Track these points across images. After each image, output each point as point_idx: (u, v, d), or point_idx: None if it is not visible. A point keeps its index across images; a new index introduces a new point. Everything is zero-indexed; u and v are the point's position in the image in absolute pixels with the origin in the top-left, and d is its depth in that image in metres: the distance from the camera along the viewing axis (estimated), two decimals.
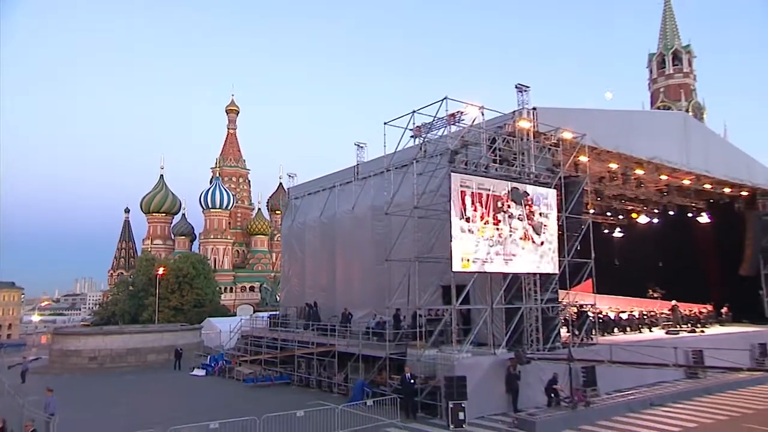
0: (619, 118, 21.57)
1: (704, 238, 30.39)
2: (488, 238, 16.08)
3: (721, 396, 17.73)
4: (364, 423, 14.25)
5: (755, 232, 28.53)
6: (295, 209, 31.15)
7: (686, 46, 64.77)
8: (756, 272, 28.51)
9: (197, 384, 25.54)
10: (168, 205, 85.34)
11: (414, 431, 13.93)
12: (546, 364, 15.69)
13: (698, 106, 63.85)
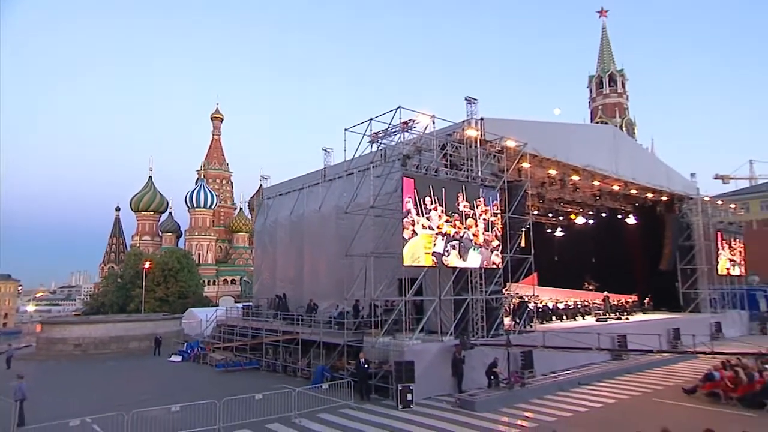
0: (558, 129, 22.01)
1: (631, 237, 31.24)
2: (445, 234, 15.98)
3: (639, 375, 18.21)
4: (320, 404, 14.03)
5: (673, 233, 29.68)
6: (268, 208, 30.69)
7: (620, 70, 67.06)
8: (673, 267, 29.63)
9: (173, 369, 24.76)
10: (156, 204, 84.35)
11: (367, 411, 13.67)
12: (488, 350, 15.80)
13: (630, 122, 66.18)
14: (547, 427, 11.46)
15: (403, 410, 13.52)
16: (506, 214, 18.10)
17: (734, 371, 14.02)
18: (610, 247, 32.04)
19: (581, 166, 22.39)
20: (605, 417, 12.49)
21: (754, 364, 14.77)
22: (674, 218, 29.93)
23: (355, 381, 15.21)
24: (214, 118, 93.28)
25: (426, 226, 15.31)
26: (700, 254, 29.80)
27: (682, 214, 30.09)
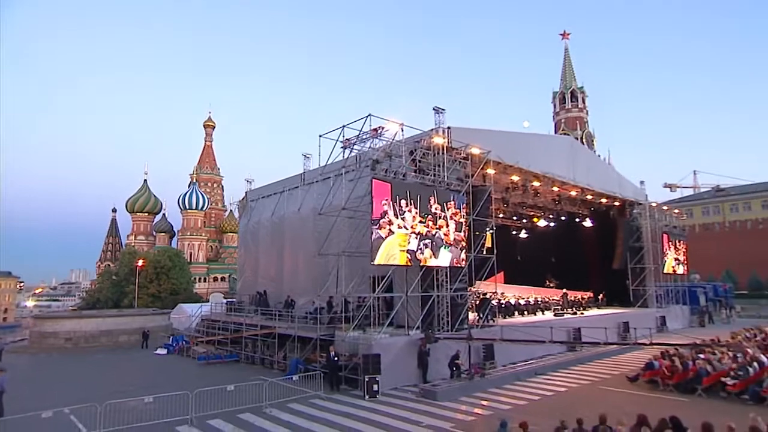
0: (520, 138, 22.13)
1: (588, 239, 31.66)
2: (419, 233, 15.95)
3: (591, 365, 18.34)
4: (292, 395, 13.74)
5: (624, 235, 30.17)
6: (251, 210, 30.26)
7: (580, 87, 68.36)
8: (624, 266, 30.12)
9: (157, 361, 24.13)
10: (150, 206, 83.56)
11: (335, 401, 13.40)
12: (452, 343, 15.69)
13: (590, 134, 67.43)
14: (501, 415, 11.39)
15: (369, 400, 13.31)
16: (470, 216, 17.99)
17: (671, 360, 14.25)
18: (568, 248, 32.48)
19: (541, 172, 22.56)
20: (555, 404, 12.46)
21: (689, 353, 15.06)
22: (626, 222, 30.47)
23: (326, 373, 15.00)
24: (207, 126, 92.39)
25: (401, 226, 15.35)
26: (648, 254, 30.48)
27: (633, 218, 30.70)
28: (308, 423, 11.45)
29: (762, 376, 12.65)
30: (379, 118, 15.80)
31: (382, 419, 11.52)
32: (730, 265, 55.97)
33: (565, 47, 70.77)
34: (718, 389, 12.96)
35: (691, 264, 55.03)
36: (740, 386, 12.60)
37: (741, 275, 55.35)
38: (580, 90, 67.99)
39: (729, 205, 62.68)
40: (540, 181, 23.09)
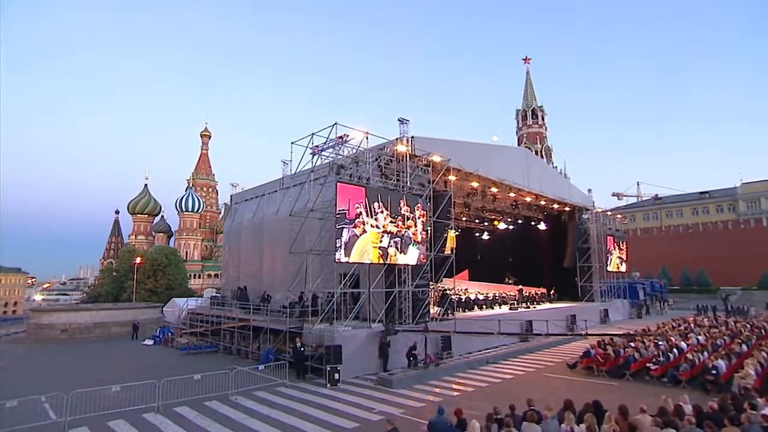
0: (478, 148, 22.03)
1: (542, 240, 31.90)
2: (389, 232, 15.83)
3: (538, 354, 18.24)
4: (259, 383, 13.26)
5: (574, 237, 30.48)
6: (235, 212, 29.55)
7: (540, 106, 69.45)
8: (574, 264, 30.42)
9: (142, 351, 23.34)
10: (150, 208, 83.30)
11: (299, 389, 12.93)
12: (411, 335, 15.40)
13: (548, 148, 68.49)
14: (450, 401, 11.12)
15: (330, 388, 12.91)
16: (431, 218, 17.77)
17: (604, 349, 14.28)
18: (525, 249, 32.69)
19: (498, 180, 22.54)
20: (500, 390, 12.27)
21: (622, 342, 15.14)
22: (575, 225, 30.79)
23: (293, 362, 14.57)
24: (203, 135, 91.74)
25: (374, 225, 15.36)
26: (594, 254, 30.85)
27: (581, 222, 31.04)
28: (268, 409, 11.00)
29: (680, 361, 12.77)
30: (345, 127, 15.49)
31: (338, 406, 11.13)
32: (665, 264, 57.48)
33: (526, 71, 71.94)
34: (644, 374, 13.04)
35: (633, 263, 56.33)
36: (661, 371, 12.69)
37: (674, 273, 56.90)
38: (540, 108, 69.10)
39: (665, 212, 64.55)
40: (498, 187, 23.09)
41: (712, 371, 11.77)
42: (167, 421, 10.36)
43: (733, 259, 54.39)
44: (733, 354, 13.42)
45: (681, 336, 17.32)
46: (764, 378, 11.45)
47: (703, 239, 58.70)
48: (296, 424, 9.86)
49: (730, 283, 52.42)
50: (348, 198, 14.53)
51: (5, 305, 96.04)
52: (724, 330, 19.95)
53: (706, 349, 14.31)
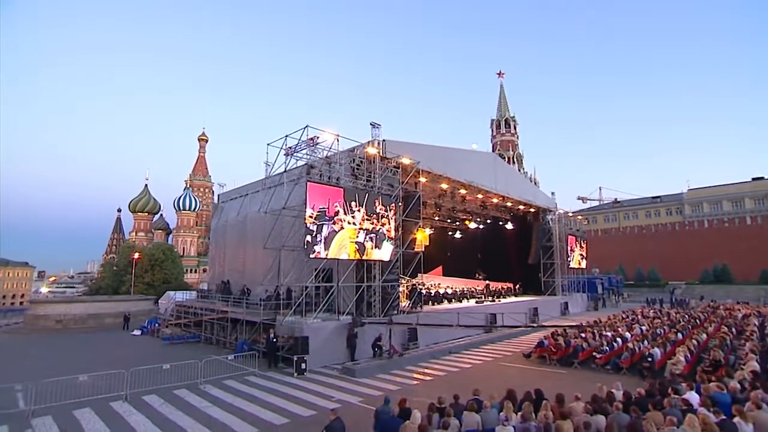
0: (448, 152, 21.82)
1: (509, 239, 31.88)
2: (365, 228, 15.70)
3: (499, 344, 18.08)
4: (231, 371, 12.81)
5: (538, 235, 30.72)
6: (221, 210, 28.83)
7: (513, 116, 70.05)
8: (538, 261, 30.64)
9: (129, 341, 22.58)
10: (150, 207, 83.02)
11: (267, 378, 12.52)
12: (379, 326, 15.09)
13: (519, 155, 69.20)
14: (408, 390, 10.87)
15: (297, 377, 12.54)
16: (400, 217, 17.50)
17: (555, 339, 14.24)
18: (494, 246, 32.69)
19: (467, 182, 22.38)
20: (457, 378, 12.08)
21: (573, 332, 15.15)
22: (539, 225, 31.01)
23: (265, 352, 14.22)
24: (201, 139, 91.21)
25: (351, 222, 15.23)
26: (556, 252, 31.11)
27: (545, 222, 31.26)
28: (232, 397, 10.61)
29: (622, 350, 12.79)
30: (316, 129, 15.08)
31: (300, 394, 10.77)
32: (622, 261, 58.66)
33: (500, 84, 72.55)
34: (590, 362, 13.02)
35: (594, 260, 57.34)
36: (605, 359, 12.69)
37: (630, 269, 58.12)
38: (512, 118, 69.72)
39: (623, 214, 65.88)
40: (466, 189, 22.95)
41: (648, 359, 11.82)
42: (132, 409, 9.92)
43: (679, 256, 55.89)
44: (668, 342, 13.56)
45: (627, 327, 17.48)
46: (693, 364, 11.56)
47: (655, 239, 60.14)
48: (255, 412, 9.49)
49: (677, 278, 53.85)
50: (327, 197, 14.42)
51: (13, 297, 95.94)
52: (665, 320, 20.27)
53: (647, 338, 14.44)
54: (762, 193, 54.17)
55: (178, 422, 8.98)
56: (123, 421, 9.16)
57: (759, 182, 55.68)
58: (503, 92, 71.60)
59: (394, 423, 6.51)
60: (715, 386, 8.47)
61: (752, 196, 54.68)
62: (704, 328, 16.82)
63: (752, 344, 12.94)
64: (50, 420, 9.22)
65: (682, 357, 11.66)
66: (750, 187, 55.56)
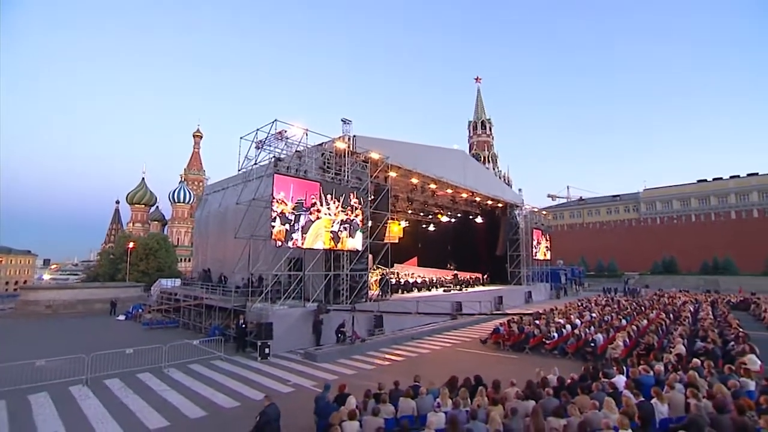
0: (419, 149, 21.43)
1: (479, 232, 31.81)
2: (340, 219, 15.60)
3: (462, 330, 17.82)
4: (198, 355, 12.29)
5: (505, 229, 30.74)
6: (205, 202, 28.02)
7: (489, 118, 70.11)
8: (505, 253, 30.71)
9: (112, 326, 21.61)
10: (146, 199, 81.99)
11: (232, 362, 12.05)
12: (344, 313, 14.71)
13: (494, 155, 69.43)
14: (364, 374, 10.58)
15: (261, 361, 12.13)
16: (367, 209, 17.08)
17: (510, 326, 14.15)
18: (465, 239, 32.65)
19: (437, 177, 22.09)
20: (412, 364, 11.82)
21: (528, 319, 15.11)
22: (507, 219, 31.01)
23: (234, 337, 13.76)
24: (195, 135, 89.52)
25: (327, 213, 15.15)
26: (522, 244, 31.28)
27: (512, 216, 31.30)
28: (191, 381, 10.17)
29: (569, 337, 12.77)
30: (285, 123, 14.49)
31: (258, 377, 10.40)
32: (585, 254, 59.84)
33: (478, 88, 72.40)
34: (541, 347, 12.97)
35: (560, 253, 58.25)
36: (553, 344, 12.66)
37: (591, 261, 59.37)
38: (488, 121, 69.81)
39: (587, 211, 67.08)
40: (436, 184, 22.69)
41: (591, 344, 11.81)
42: (90, 393, 9.39)
43: (635, 249, 57.38)
44: (612, 328, 13.64)
45: (579, 314, 17.60)
46: (630, 348, 11.61)
47: (614, 234, 61.53)
48: (210, 395, 9.07)
49: (632, 269, 55.28)
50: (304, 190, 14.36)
51: (15, 284, 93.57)
52: (614, 307, 20.56)
53: (594, 324, 14.51)
54: (705, 193, 55.94)
55: (130, 405, 8.51)
56: (75, 405, 8.64)
57: (702, 184, 57.45)
58: (480, 96, 71.60)
59: (329, 409, 6.18)
60: (643, 369, 8.46)
61: (697, 196, 56.42)
62: (646, 315, 17.07)
63: (683, 329, 13.14)
64: (2, 404, 8.61)
65: (621, 342, 11.71)
66: (695, 188, 57.30)
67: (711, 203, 55.12)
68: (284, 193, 13.77)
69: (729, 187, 54.32)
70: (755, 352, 10.15)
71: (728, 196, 54.10)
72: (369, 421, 5.67)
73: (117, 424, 7.55)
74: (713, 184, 56.13)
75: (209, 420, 7.71)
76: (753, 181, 53.10)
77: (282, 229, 13.56)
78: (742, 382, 7.83)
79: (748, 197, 52.77)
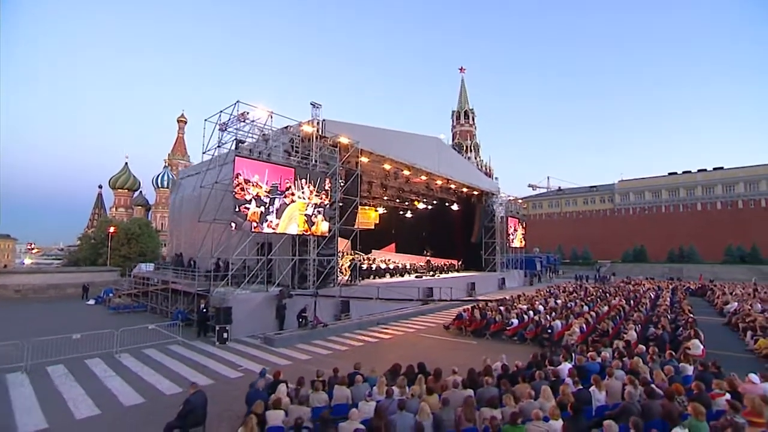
0: (392, 135, 20.80)
1: (455, 219, 31.62)
2: (314, 203, 15.29)
3: (430, 316, 17.60)
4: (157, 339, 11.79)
5: (481, 216, 30.70)
6: (179, 186, 26.86)
7: (471, 108, 69.61)
8: (480, 240, 30.76)
9: (77, 310, 20.67)
10: (130, 184, 79.51)
11: (189, 347, 11.60)
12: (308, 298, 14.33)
13: (477, 144, 69.25)
14: (318, 360, 10.26)
15: (218, 346, 11.70)
16: (335, 194, 16.54)
17: (473, 312, 14.06)
18: (441, 226, 32.44)
19: (410, 163, 21.58)
20: (369, 349, 11.59)
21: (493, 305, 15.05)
22: (482, 207, 30.93)
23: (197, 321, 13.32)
24: (180, 121, 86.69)
25: (301, 197, 14.87)
26: (497, 232, 31.35)
27: (488, 204, 31.21)
28: (140, 366, 9.70)
29: (529, 323, 12.75)
30: (247, 105, 13.70)
31: (211, 362, 10.02)
32: (561, 242, 61.01)
33: (462, 79, 71.54)
34: (501, 333, 12.93)
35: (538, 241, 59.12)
36: (512, 331, 12.62)
37: (567, 249, 60.62)
38: (471, 111, 69.30)
39: (564, 200, 68.04)
40: (410, 170, 22.16)
41: (548, 330, 11.80)
42: (26, 381, 8.77)
43: (609, 239, 58.76)
44: (573, 314, 13.70)
45: (545, 300, 17.72)
46: (587, 334, 11.66)
47: (590, 223, 62.76)
48: (154, 381, 8.63)
49: (605, 257, 56.70)
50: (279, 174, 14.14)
51: None
52: (581, 294, 20.86)
53: (555, 310, 14.56)
54: (675, 185, 57.36)
55: (65, 394, 7.99)
56: (6, 394, 8.05)
57: (673, 177, 58.83)
58: (464, 86, 70.80)
59: (257, 396, 5.82)
60: (590, 356, 8.41)
61: (667, 188, 57.82)
62: (608, 302, 17.29)
63: (638, 315, 13.32)
64: None
65: (578, 328, 11.73)
66: (666, 180, 58.66)
67: (680, 195, 56.60)
68: (258, 176, 13.44)
69: (697, 180, 55.77)
70: (699, 337, 10.31)
71: (696, 189, 55.61)
72: (293, 410, 5.34)
73: (43, 414, 7.04)
74: (683, 177, 57.54)
75: (143, 407, 7.28)
76: (718, 175, 54.62)
77: (257, 211, 13.43)
78: (681, 368, 7.89)
79: (713, 190, 54.36)
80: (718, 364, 7.60)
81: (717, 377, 6.95)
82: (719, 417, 5.16)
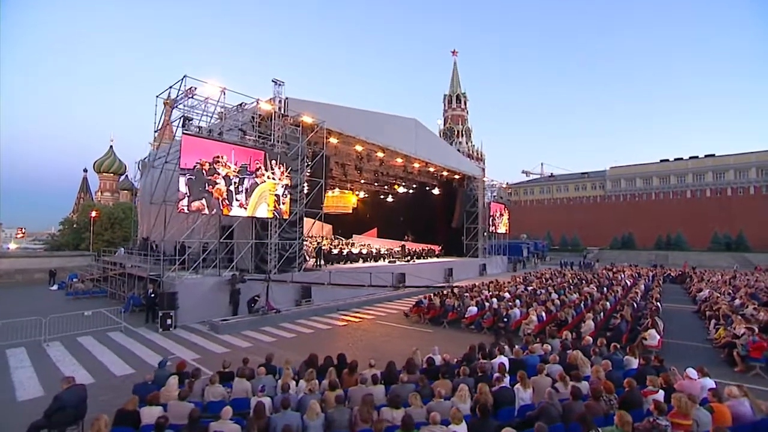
0: (365, 114, 19.84)
1: (437, 204, 30.90)
2: (285, 185, 15.07)
3: (397, 302, 17.08)
4: (93, 327, 11.21)
5: (462, 201, 29.96)
6: (149, 169, 25.69)
7: (464, 93, 67.90)
8: (461, 225, 30.16)
9: (34, 295, 20.06)
10: (115, 168, 76.73)
11: (133, 334, 11.07)
12: (264, 283, 13.73)
13: (468, 129, 67.93)
14: (260, 348, 9.74)
15: (161, 333, 11.17)
16: (298, 175, 15.75)
17: (431, 299, 13.56)
18: (422, 210, 31.76)
19: (384, 145, 20.69)
20: (317, 337, 11.06)
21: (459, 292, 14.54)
22: (464, 191, 30.19)
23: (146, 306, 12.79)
24: (166, 103, 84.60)
25: (271, 177, 14.64)
26: (480, 217, 30.73)
27: (469, 189, 30.45)
28: (64, 356, 9.13)
29: (488, 311, 12.27)
30: (195, 80, 12.74)
31: (145, 351, 9.48)
32: (551, 228, 60.66)
33: (454, 62, 69.46)
34: (459, 321, 12.45)
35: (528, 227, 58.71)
36: (470, 319, 12.14)
37: (557, 235, 60.37)
38: (463, 95, 67.66)
39: (556, 187, 67.32)
40: (384, 152, 21.29)
41: (504, 319, 11.31)
42: None
43: (599, 225, 58.44)
44: (537, 302, 13.23)
45: (515, 287, 17.24)
46: (546, 324, 11.19)
47: (581, 210, 62.30)
48: (70, 372, 7.96)
49: (595, 244, 56.52)
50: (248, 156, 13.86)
51: None
52: (559, 281, 20.39)
53: (520, 298, 14.07)
54: (666, 172, 56.65)
55: None
56: None
57: (664, 163, 58.05)
58: (456, 70, 68.89)
59: (145, 390, 5.27)
60: (532, 348, 7.91)
61: (658, 175, 57.12)
62: (579, 289, 16.85)
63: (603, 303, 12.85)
64: None
65: (535, 317, 11.26)
66: (657, 167, 57.89)
67: (671, 182, 55.99)
68: (226, 156, 13.02)
69: (688, 167, 55.06)
70: (657, 327, 9.86)
71: (686, 176, 54.96)
72: (173, 407, 4.77)
73: None
74: (674, 164, 56.79)
75: (39, 401, 6.71)
76: (709, 162, 53.88)
77: (223, 188, 13.05)
78: (626, 361, 7.38)
79: (704, 177, 53.74)
80: (661, 357, 7.09)
81: (659, 371, 6.45)
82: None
